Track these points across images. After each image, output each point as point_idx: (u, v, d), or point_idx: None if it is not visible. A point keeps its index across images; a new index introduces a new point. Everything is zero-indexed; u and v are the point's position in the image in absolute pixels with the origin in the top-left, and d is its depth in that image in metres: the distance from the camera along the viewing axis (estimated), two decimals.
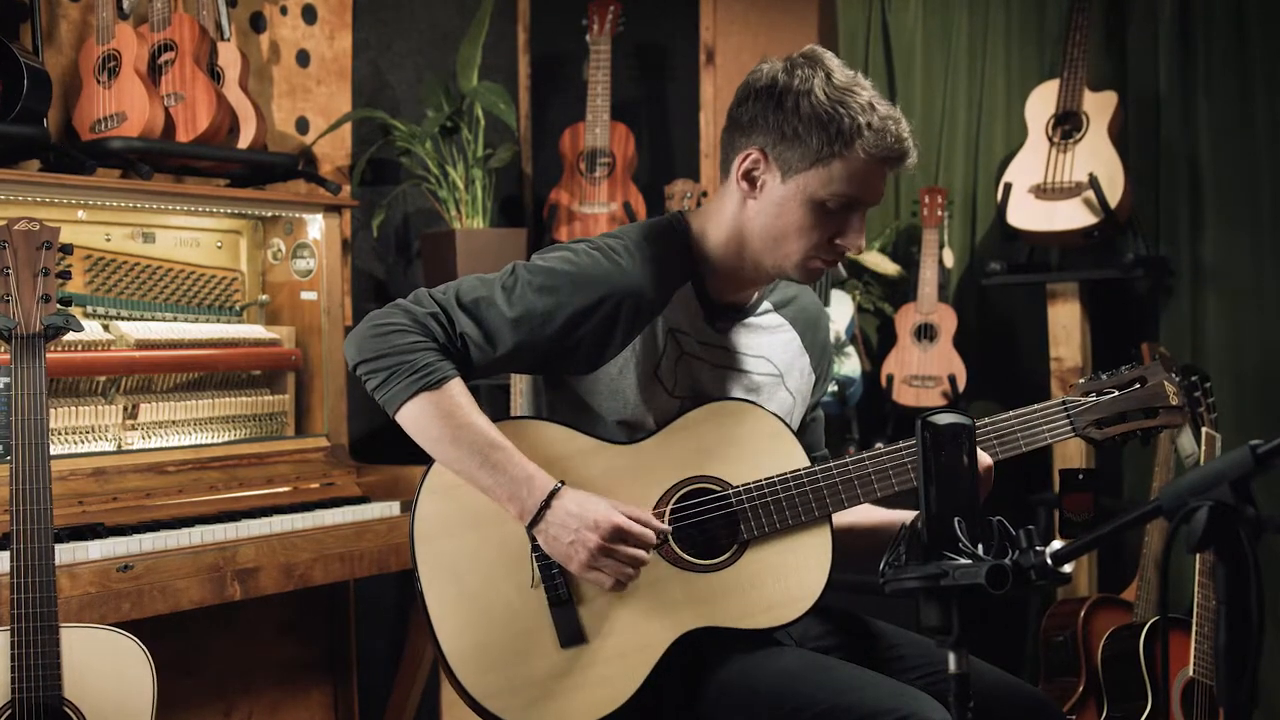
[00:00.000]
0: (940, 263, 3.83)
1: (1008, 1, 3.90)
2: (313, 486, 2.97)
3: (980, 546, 1.38)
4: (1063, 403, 1.93)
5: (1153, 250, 3.60)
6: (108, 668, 2.09)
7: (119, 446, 2.77)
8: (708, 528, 1.88)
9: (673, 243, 1.96)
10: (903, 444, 1.88)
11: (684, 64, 4.20)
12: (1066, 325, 3.65)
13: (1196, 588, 2.79)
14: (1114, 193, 3.45)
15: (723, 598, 1.85)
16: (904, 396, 3.80)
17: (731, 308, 2.00)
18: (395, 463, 3.02)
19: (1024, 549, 1.34)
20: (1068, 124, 3.57)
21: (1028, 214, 3.57)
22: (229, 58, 3.11)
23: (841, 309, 3.77)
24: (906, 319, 3.82)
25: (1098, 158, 3.50)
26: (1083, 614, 3.14)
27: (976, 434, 1.44)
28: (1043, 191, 3.56)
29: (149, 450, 2.78)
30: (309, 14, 3.54)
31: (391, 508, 2.91)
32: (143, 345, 2.79)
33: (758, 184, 1.89)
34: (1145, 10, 3.66)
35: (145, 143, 2.85)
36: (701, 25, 4.17)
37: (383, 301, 3.66)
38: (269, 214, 3.15)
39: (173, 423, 2.88)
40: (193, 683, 3.00)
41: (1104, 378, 1.96)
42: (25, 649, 2.00)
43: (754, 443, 1.90)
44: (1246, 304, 3.52)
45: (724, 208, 1.94)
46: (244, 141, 3.08)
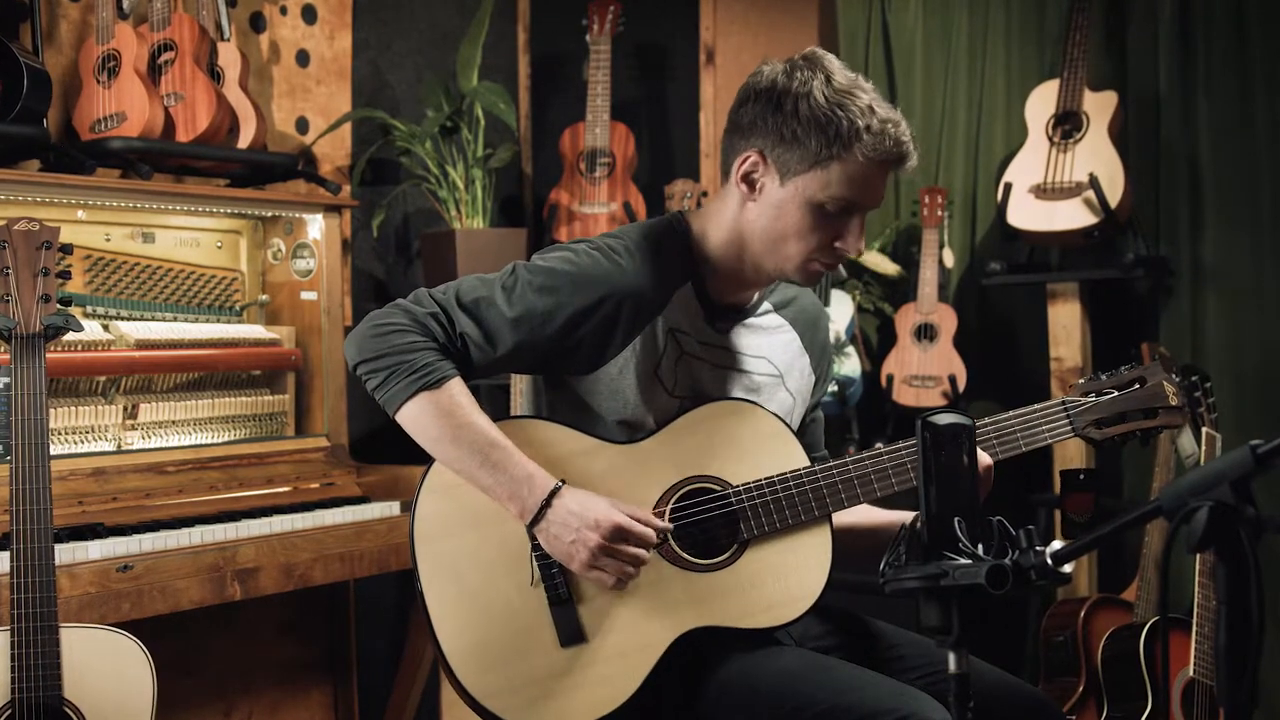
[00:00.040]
0: (940, 263, 3.83)
1: (1008, 1, 3.90)
2: (313, 486, 2.97)
3: (980, 546, 1.37)
4: (1062, 403, 1.93)
5: (1153, 250, 3.60)
6: (108, 668, 2.09)
7: (119, 446, 2.77)
8: (708, 527, 1.88)
9: (673, 243, 1.96)
10: (903, 444, 1.88)
11: (684, 64, 4.20)
12: (1066, 325, 3.65)
13: (1196, 588, 2.79)
14: (1114, 193, 3.45)
15: (723, 597, 1.85)
16: (904, 396, 3.80)
17: (732, 308, 2.00)
18: (395, 463, 3.02)
19: (1024, 549, 1.34)
20: (1068, 124, 3.57)
21: (1028, 214, 3.57)
22: (229, 58, 3.11)
23: (841, 309, 3.77)
24: (906, 319, 3.82)
25: (1098, 158, 3.50)
26: (1083, 614, 3.14)
27: (976, 434, 1.44)
28: (1043, 191, 3.56)
29: (149, 450, 2.78)
30: (309, 14, 3.54)
31: (391, 508, 2.91)
32: (143, 345, 2.79)
33: (757, 186, 1.89)
34: (1145, 10, 3.65)
35: (145, 143, 2.85)
36: (701, 25, 4.17)
37: (383, 301, 3.66)
38: (269, 214, 3.15)
39: (173, 423, 2.88)
40: (193, 683, 3.00)
41: (1104, 378, 1.96)
42: (25, 649, 2.00)
43: (754, 442, 1.90)
44: (1246, 304, 3.51)
45: (724, 209, 1.94)
46: (244, 141, 3.08)
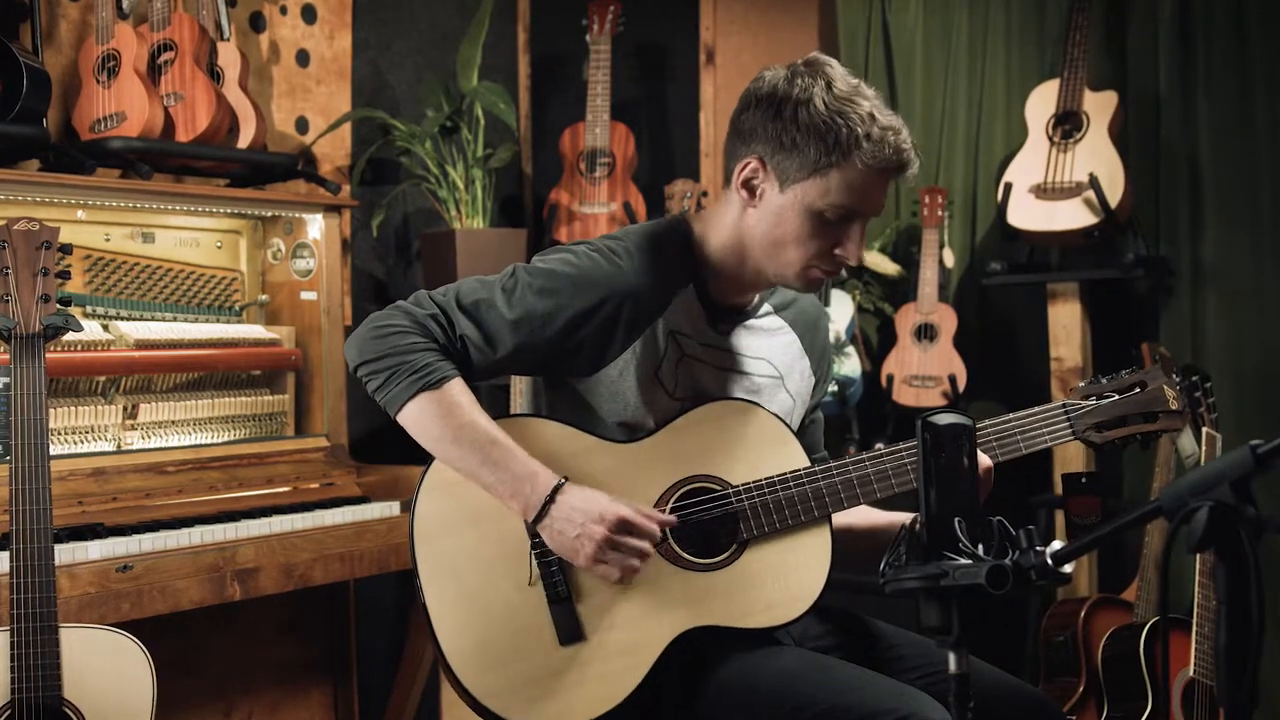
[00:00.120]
0: (940, 263, 3.83)
1: (1008, 1, 3.90)
2: (313, 486, 2.97)
3: (980, 547, 1.37)
4: (1063, 406, 1.93)
5: (1153, 250, 3.60)
6: (107, 668, 2.09)
7: (119, 446, 2.77)
8: (707, 527, 1.88)
9: (674, 245, 1.96)
10: (902, 445, 1.88)
11: (684, 64, 4.20)
12: (1067, 325, 3.65)
13: (1197, 588, 2.79)
14: (1114, 193, 3.45)
15: (722, 597, 1.85)
16: (904, 396, 3.80)
17: (734, 309, 2.00)
18: (395, 463, 3.02)
19: (1024, 549, 1.34)
20: (1068, 124, 3.57)
21: (1028, 214, 3.57)
22: (229, 58, 3.11)
23: (841, 309, 3.78)
24: (906, 319, 3.82)
25: (1098, 158, 3.50)
26: (1083, 614, 3.14)
27: (976, 435, 1.43)
28: (1043, 191, 3.56)
29: (149, 450, 2.78)
30: (309, 14, 3.53)
31: (391, 508, 2.91)
32: (142, 345, 2.79)
33: (757, 193, 1.89)
34: (1145, 10, 3.65)
35: (145, 143, 2.85)
36: (701, 25, 4.17)
37: (383, 301, 3.67)
38: (269, 214, 3.15)
39: (172, 423, 2.88)
40: (193, 683, 2.99)
41: (1104, 381, 1.96)
42: (25, 649, 2.00)
43: (754, 442, 1.90)
44: (1246, 304, 3.52)
45: (725, 215, 1.94)
46: (244, 141, 3.08)
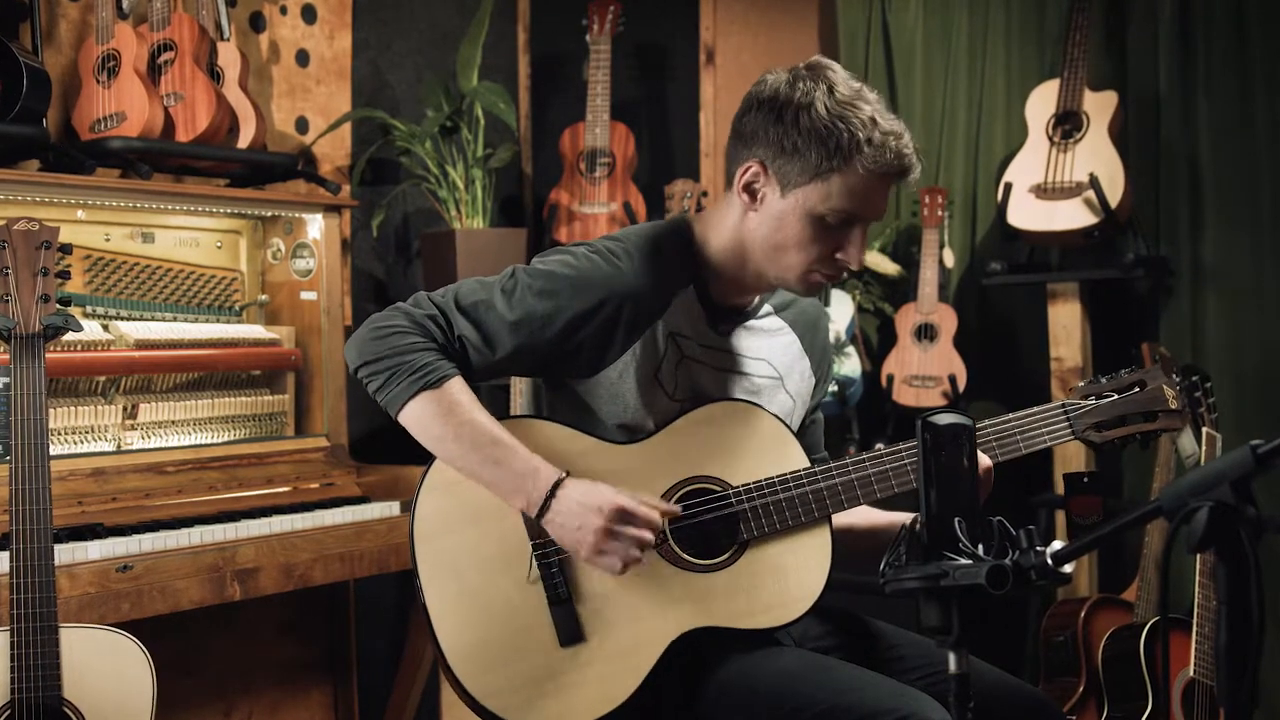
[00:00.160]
0: (940, 263, 3.83)
1: (1008, 1, 3.90)
2: (313, 486, 2.97)
3: (980, 547, 1.37)
4: (1062, 406, 1.93)
5: (1153, 250, 3.60)
6: (107, 668, 2.09)
7: (118, 447, 2.77)
8: (708, 528, 1.88)
9: (674, 246, 1.95)
10: (902, 445, 1.88)
11: (684, 64, 4.20)
12: (1067, 325, 3.65)
13: (1197, 588, 2.79)
14: (1114, 193, 3.45)
15: (722, 597, 1.85)
16: (904, 396, 3.80)
17: (734, 310, 2.00)
18: (395, 463, 3.02)
19: (1024, 549, 1.34)
20: (1068, 124, 3.57)
21: (1028, 214, 3.57)
22: (229, 57, 3.11)
23: (841, 309, 3.78)
24: (907, 319, 3.82)
25: (1098, 157, 3.50)
26: (1083, 614, 3.14)
27: (976, 435, 1.43)
28: (1043, 191, 3.56)
29: (148, 450, 2.78)
30: (309, 14, 3.53)
31: (391, 508, 2.91)
32: (142, 345, 2.79)
33: (758, 196, 1.89)
34: (1145, 10, 3.65)
35: (145, 142, 2.85)
36: (701, 25, 4.17)
37: (383, 301, 3.67)
38: (269, 214, 3.15)
39: (172, 423, 2.88)
40: (193, 683, 2.99)
41: (1103, 381, 1.96)
42: (25, 649, 2.00)
43: (754, 443, 1.90)
44: (1246, 304, 3.52)
45: (726, 217, 1.94)
46: (244, 141, 3.08)
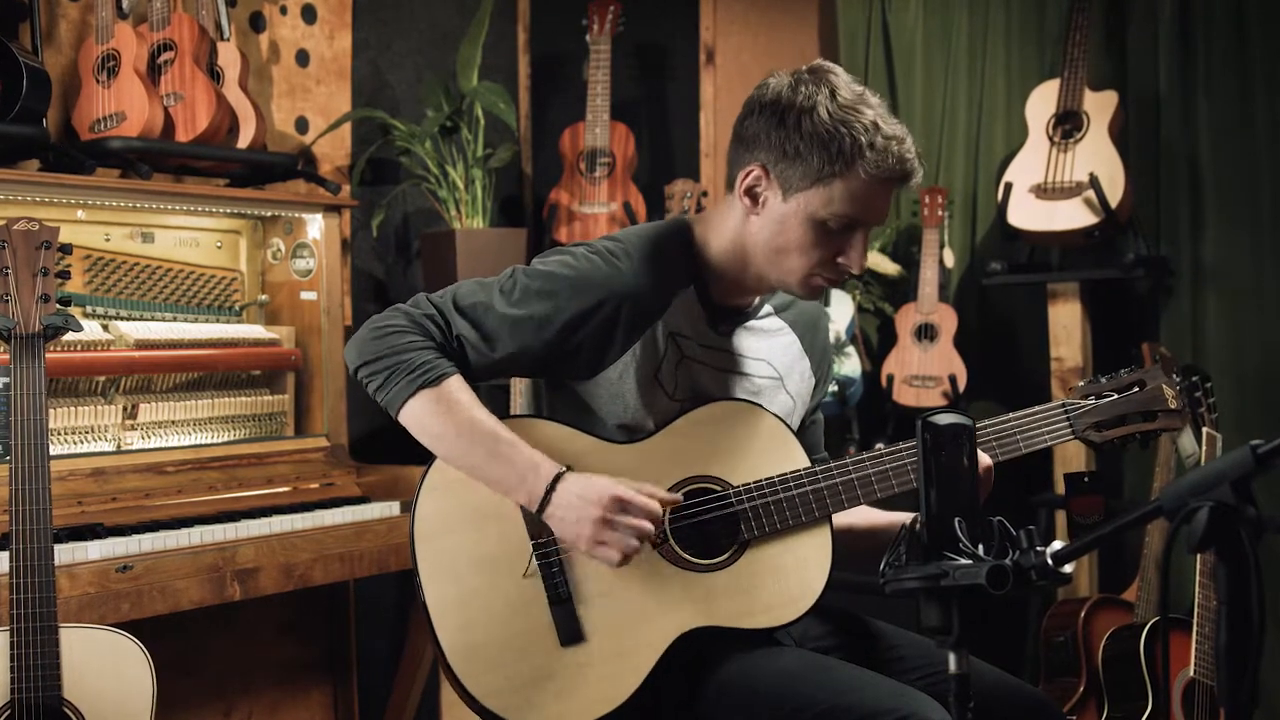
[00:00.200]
0: (941, 263, 3.83)
1: (1008, 1, 3.90)
2: (312, 486, 2.97)
3: (980, 547, 1.37)
4: (1062, 405, 1.93)
5: (1153, 250, 3.60)
6: (107, 668, 2.09)
7: (118, 447, 2.77)
8: (708, 527, 1.87)
9: (675, 246, 1.95)
10: (903, 445, 1.88)
11: (684, 64, 4.20)
12: (1067, 325, 3.65)
13: (1197, 588, 2.79)
14: (1114, 192, 3.45)
15: (722, 597, 1.85)
16: (904, 396, 3.80)
17: (734, 311, 2.00)
18: (395, 463, 3.02)
19: (1024, 549, 1.34)
20: (1068, 124, 3.57)
21: (1028, 214, 3.57)
22: (229, 57, 3.11)
23: (841, 309, 3.77)
24: (907, 319, 3.82)
25: (1098, 157, 3.50)
26: (1083, 614, 3.14)
27: (976, 435, 1.43)
28: (1043, 191, 3.56)
29: (148, 450, 2.78)
30: (309, 14, 3.53)
31: (391, 508, 2.91)
32: (142, 345, 2.79)
33: (760, 200, 1.89)
34: (1145, 10, 3.65)
35: (145, 142, 2.85)
36: (701, 25, 4.17)
37: (383, 301, 3.67)
38: (269, 214, 3.15)
39: (172, 423, 2.87)
40: (193, 683, 2.99)
41: (1103, 381, 1.96)
42: (25, 649, 2.00)
43: (754, 443, 1.90)
44: (1246, 304, 3.52)
45: (727, 219, 1.94)
46: (244, 141, 3.08)
